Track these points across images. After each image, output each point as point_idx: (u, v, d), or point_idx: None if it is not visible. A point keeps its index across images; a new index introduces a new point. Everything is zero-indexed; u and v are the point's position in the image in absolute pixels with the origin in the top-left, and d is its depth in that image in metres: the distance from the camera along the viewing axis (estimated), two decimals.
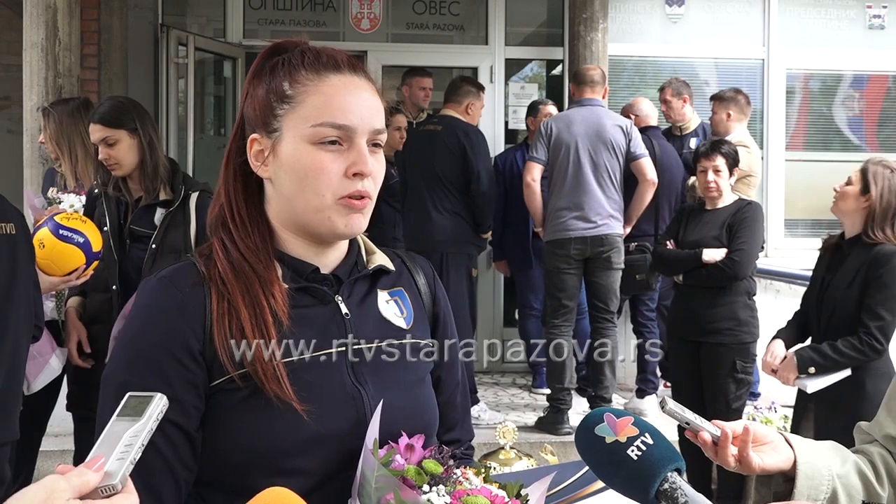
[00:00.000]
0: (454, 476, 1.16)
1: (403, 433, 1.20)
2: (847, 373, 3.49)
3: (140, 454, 0.98)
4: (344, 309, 1.32)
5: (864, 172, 3.50)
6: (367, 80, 1.30)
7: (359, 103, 1.27)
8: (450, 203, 5.44)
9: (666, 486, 1.15)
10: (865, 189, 3.47)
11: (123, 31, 6.64)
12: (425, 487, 1.13)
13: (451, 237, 5.42)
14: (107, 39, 6.54)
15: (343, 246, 1.37)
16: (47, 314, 3.60)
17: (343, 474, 1.20)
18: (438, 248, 5.37)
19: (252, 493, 1.17)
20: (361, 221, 1.28)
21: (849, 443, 1.57)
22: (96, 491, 0.94)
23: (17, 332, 2.67)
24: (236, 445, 1.21)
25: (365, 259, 1.39)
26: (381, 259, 1.40)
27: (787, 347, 3.68)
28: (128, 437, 0.97)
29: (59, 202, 3.67)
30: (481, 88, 5.74)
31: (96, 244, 3.26)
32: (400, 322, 1.37)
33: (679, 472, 1.17)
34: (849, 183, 3.55)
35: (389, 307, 1.38)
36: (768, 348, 3.72)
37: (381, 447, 1.19)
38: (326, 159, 1.25)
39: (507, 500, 1.16)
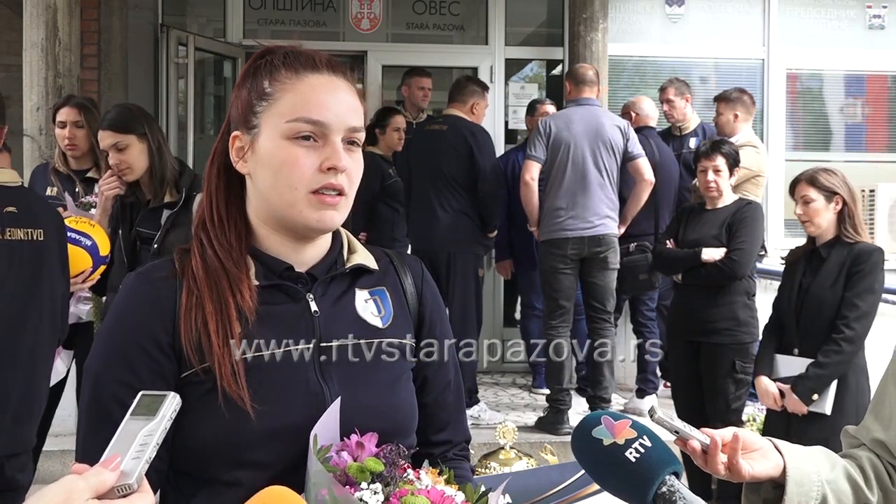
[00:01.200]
0: (404, 476, 1.16)
1: (356, 431, 1.21)
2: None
3: (155, 453, 0.99)
4: (314, 307, 1.33)
5: (815, 184, 3.66)
6: (346, 81, 1.34)
7: (334, 101, 1.31)
8: (456, 202, 5.44)
9: (664, 489, 1.15)
10: (830, 196, 3.64)
11: (123, 31, 6.64)
12: (363, 485, 1.14)
13: (457, 237, 5.42)
14: (107, 39, 6.54)
15: (323, 244, 1.39)
16: (82, 317, 3.62)
17: (303, 469, 1.22)
18: (445, 248, 5.37)
19: (218, 483, 1.23)
20: (335, 217, 1.31)
21: (837, 441, 1.57)
22: (112, 490, 0.95)
23: (37, 341, 2.64)
24: (200, 436, 1.25)
25: (346, 258, 1.41)
26: (362, 258, 1.41)
27: (773, 375, 3.76)
28: (142, 436, 0.99)
29: (94, 206, 3.66)
30: (486, 88, 5.75)
31: (104, 248, 3.27)
32: (376, 321, 1.38)
33: (677, 475, 1.17)
34: (808, 202, 3.67)
35: (367, 306, 1.39)
36: (760, 390, 3.79)
37: None
38: (300, 154, 1.28)
39: (457, 502, 1.15)
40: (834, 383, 3.58)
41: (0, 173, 2.69)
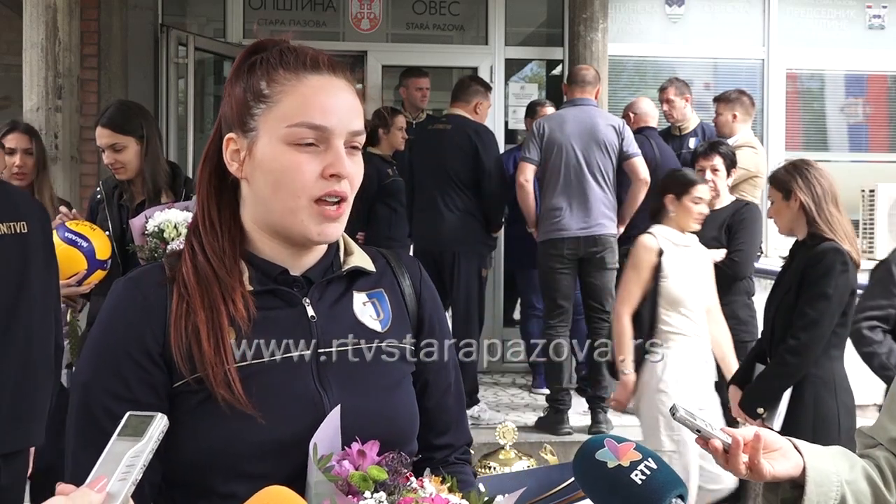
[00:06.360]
0: (408, 484, 1.13)
1: (357, 438, 1.17)
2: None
3: (141, 475, 0.98)
4: (310, 311, 1.29)
5: (773, 182, 3.40)
6: (347, 82, 1.28)
7: (337, 104, 1.25)
8: (461, 202, 5.45)
9: None
10: (787, 194, 3.33)
11: (123, 31, 6.64)
12: (367, 494, 1.10)
13: (462, 236, 5.44)
14: (107, 39, 6.54)
15: (319, 247, 1.33)
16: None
17: (301, 480, 1.18)
18: (450, 248, 5.39)
19: (214, 495, 1.20)
20: (336, 229, 1.27)
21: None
22: None
23: (29, 336, 2.62)
24: (196, 448, 1.21)
25: (342, 260, 1.36)
26: (359, 260, 1.36)
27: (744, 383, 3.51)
28: (129, 457, 0.98)
29: None
30: (489, 88, 5.78)
31: (101, 253, 3.26)
32: (375, 325, 1.33)
33: (682, 498, 1.16)
34: (771, 201, 3.44)
35: (366, 309, 1.34)
36: (731, 397, 3.55)
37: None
38: (303, 160, 1.23)
39: None
40: (786, 397, 3.25)
41: None
